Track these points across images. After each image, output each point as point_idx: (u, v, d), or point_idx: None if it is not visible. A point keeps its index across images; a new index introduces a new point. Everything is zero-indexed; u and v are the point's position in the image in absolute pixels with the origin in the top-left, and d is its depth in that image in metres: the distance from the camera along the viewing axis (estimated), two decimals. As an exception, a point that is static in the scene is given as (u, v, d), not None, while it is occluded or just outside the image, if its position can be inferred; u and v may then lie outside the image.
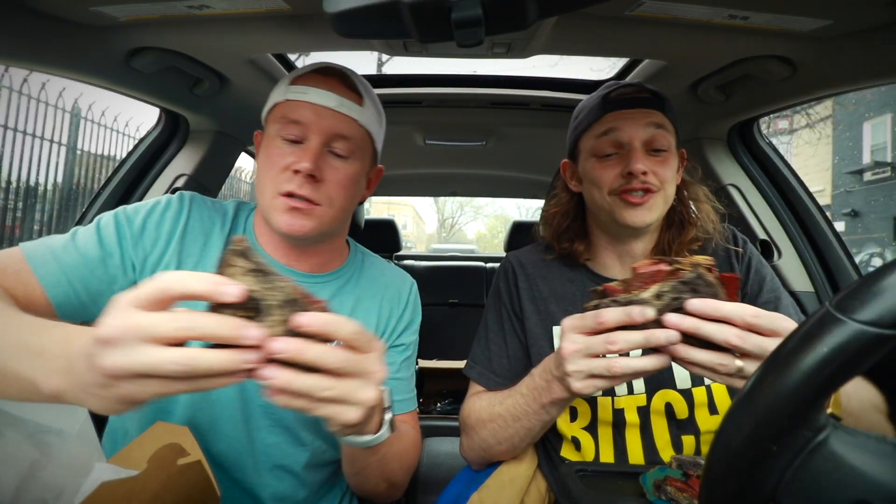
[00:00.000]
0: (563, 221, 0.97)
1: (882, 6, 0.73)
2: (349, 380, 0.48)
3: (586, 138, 0.90)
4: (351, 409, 0.49)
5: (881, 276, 0.31)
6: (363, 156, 0.81)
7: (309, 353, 0.45)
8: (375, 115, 0.82)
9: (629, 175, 0.82)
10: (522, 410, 0.76)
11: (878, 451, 0.31)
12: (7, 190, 3.77)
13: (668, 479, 0.64)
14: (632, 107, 0.85)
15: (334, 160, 0.77)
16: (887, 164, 15.23)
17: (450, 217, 31.52)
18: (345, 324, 0.48)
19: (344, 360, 0.47)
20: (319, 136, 0.75)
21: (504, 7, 0.46)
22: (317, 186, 0.75)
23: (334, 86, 0.76)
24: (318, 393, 0.46)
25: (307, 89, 0.75)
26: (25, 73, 3.50)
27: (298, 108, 0.75)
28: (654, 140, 0.84)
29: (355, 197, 0.82)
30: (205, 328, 0.41)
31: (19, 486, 0.53)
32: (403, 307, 0.91)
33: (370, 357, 0.50)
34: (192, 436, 0.62)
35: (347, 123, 0.76)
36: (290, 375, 0.45)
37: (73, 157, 4.20)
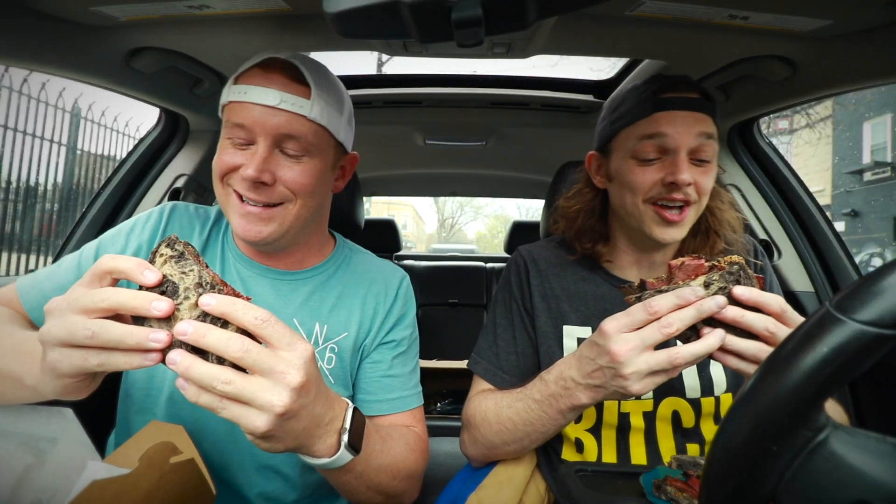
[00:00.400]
0: (585, 220, 0.91)
1: (882, 6, 0.73)
2: (255, 378, 0.45)
3: (626, 135, 0.82)
4: (256, 413, 0.45)
5: (881, 276, 0.31)
6: (321, 151, 0.74)
7: (209, 336, 0.44)
8: (333, 104, 0.74)
9: (671, 185, 0.77)
10: (536, 416, 0.74)
11: (878, 451, 0.31)
12: (7, 190, 3.77)
13: (668, 479, 0.64)
14: (684, 108, 0.78)
15: (287, 160, 0.72)
16: (887, 164, 15.23)
17: (450, 217, 31.53)
18: (249, 310, 0.46)
19: (246, 350, 0.44)
20: (266, 139, 0.69)
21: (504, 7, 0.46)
22: (270, 190, 0.71)
23: (276, 80, 0.70)
24: (217, 386, 0.44)
25: (248, 88, 0.70)
26: (25, 73, 3.51)
27: (240, 109, 0.70)
28: (701, 149, 0.78)
29: (320, 193, 0.77)
30: (120, 298, 0.45)
31: (14, 488, 0.53)
32: (392, 301, 0.86)
33: (283, 355, 0.47)
34: (186, 434, 0.61)
35: (294, 121, 0.70)
36: (190, 361, 0.44)
37: (73, 157, 4.20)
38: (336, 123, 0.75)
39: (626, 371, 0.60)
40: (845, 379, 0.31)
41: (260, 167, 0.68)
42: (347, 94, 0.81)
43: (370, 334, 0.83)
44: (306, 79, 0.71)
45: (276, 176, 0.71)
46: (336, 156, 0.80)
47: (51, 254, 4.14)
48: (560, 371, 0.71)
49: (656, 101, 0.79)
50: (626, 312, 0.62)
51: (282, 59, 0.72)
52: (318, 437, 0.54)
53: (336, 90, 0.77)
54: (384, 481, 0.68)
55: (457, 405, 2.19)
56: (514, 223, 2.65)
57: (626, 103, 0.83)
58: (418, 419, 0.84)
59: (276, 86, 0.69)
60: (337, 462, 0.56)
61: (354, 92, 1.47)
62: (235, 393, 0.44)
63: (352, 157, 0.86)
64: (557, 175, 1.20)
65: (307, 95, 0.71)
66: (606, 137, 0.87)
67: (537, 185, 2.34)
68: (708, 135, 0.78)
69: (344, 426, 0.57)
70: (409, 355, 0.87)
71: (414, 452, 0.76)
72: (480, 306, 2.54)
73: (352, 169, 0.87)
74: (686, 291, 0.59)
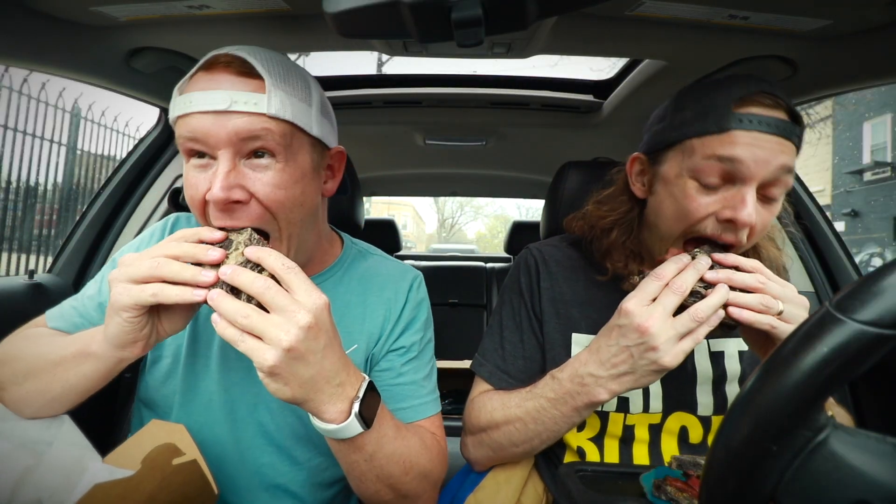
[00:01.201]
0: (621, 236, 0.81)
1: (882, 6, 0.73)
2: (270, 315, 0.52)
3: (689, 148, 0.69)
4: (266, 348, 0.51)
5: (881, 276, 0.31)
6: (294, 152, 0.64)
7: (241, 275, 0.53)
8: (296, 95, 0.63)
9: (727, 222, 0.66)
10: (549, 415, 0.72)
11: (878, 451, 0.31)
12: (7, 190, 3.77)
13: (668, 479, 0.64)
14: (769, 132, 0.64)
15: (256, 171, 0.61)
16: (887, 164, 15.23)
17: (450, 217, 31.53)
18: (279, 258, 0.55)
19: (266, 287, 0.52)
20: (226, 149, 0.60)
21: (504, 7, 0.46)
22: (246, 210, 0.62)
23: (223, 80, 0.60)
24: (238, 319, 0.51)
25: (192, 96, 0.59)
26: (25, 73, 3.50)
27: (189, 122, 0.60)
28: (774, 184, 0.66)
29: (303, 200, 0.66)
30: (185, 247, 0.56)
31: (15, 487, 0.53)
32: (402, 307, 0.80)
33: (299, 298, 0.53)
34: (188, 434, 0.61)
35: (253, 121, 0.59)
36: (221, 296, 0.53)
37: (73, 157, 4.20)
38: (305, 116, 0.64)
39: (658, 341, 0.62)
40: (845, 379, 0.31)
41: (225, 183, 0.59)
42: (315, 82, 0.70)
43: (379, 342, 0.78)
44: (258, 71, 0.61)
45: (249, 190, 0.61)
46: (316, 155, 0.69)
47: (51, 254, 4.14)
48: (574, 369, 0.70)
49: (737, 115, 0.65)
50: (639, 288, 0.66)
51: (226, 55, 0.62)
52: (327, 394, 0.56)
53: (298, 79, 0.66)
54: (395, 473, 0.65)
55: (457, 405, 2.19)
56: (514, 223, 2.65)
57: (696, 107, 0.69)
58: (436, 426, 0.78)
59: (224, 86, 0.59)
60: (345, 431, 0.57)
61: (354, 92, 1.47)
62: (251, 326, 0.51)
63: (337, 152, 0.74)
64: (557, 175, 1.20)
65: (262, 89, 0.60)
66: (662, 143, 0.73)
67: (537, 185, 2.34)
68: (788, 169, 0.66)
69: (357, 395, 0.58)
70: (421, 360, 0.80)
71: (429, 451, 0.71)
72: (480, 306, 2.54)
73: (341, 166, 0.77)
74: (681, 256, 0.67)
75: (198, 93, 0.60)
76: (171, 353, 0.76)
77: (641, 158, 0.79)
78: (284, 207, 0.63)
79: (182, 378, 0.74)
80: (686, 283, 0.64)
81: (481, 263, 2.74)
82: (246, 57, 0.61)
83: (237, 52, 0.62)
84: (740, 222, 0.65)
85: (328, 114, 0.72)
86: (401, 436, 0.67)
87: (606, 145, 1.66)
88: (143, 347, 0.59)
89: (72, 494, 0.53)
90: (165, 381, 0.75)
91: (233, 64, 0.61)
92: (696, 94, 0.71)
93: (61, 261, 1.31)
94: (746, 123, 0.64)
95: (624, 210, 0.82)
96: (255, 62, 0.61)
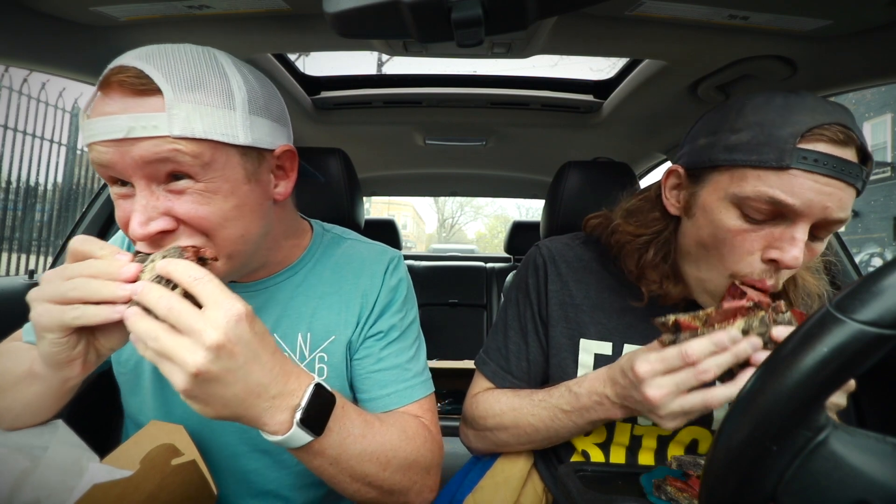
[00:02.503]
0: (656, 257, 0.73)
1: (882, 6, 0.73)
2: (178, 336, 0.47)
3: (739, 177, 0.61)
4: (175, 370, 0.47)
5: (881, 276, 0.31)
6: (219, 167, 0.56)
7: (148, 293, 0.48)
8: (210, 101, 0.54)
9: (770, 262, 0.61)
10: (563, 424, 0.73)
11: (878, 451, 0.31)
12: (7, 190, 3.77)
13: (668, 479, 0.64)
14: (833, 175, 0.56)
15: (176, 195, 0.55)
16: (887, 164, 15.23)
17: (450, 217, 31.52)
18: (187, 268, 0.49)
19: (169, 308, 0.47)
20: (137, 180, 0.54)
21: (504, 7, 0.46)
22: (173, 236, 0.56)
23: (119, 102, 0.53)
24: (148, 342, 0.48)
25: (92, 123, 0.53)
26: (25, 73, 3.50)
27: (95, 151, 0.54)
28: (826, 226, 0.60)
29: (242, 212, 0.59)
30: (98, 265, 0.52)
31: (13, 488, 0.53)
32: (378, 290, 0.75)
33: (207, 314, 0.47)
34: (186, 434, 0.61)
35: (157, 144, 0.52)
36: (136, 315, 0.49)
37: (73, 157, 4.20)
38: (224, 125, 0.55)
39: (661, 413, 0.60)
40: (845, 379, 0.31)
41: (144, 217, 0.54)
42: (245, 76, 0.59)
43: (356, 329, 0.74)
44: (155, 82, 0.52)
45: (175, 212, 0.55)
46: (250, 164, 0.60)
47: (51, 254, 4.14)
48: (592, 386, 0.70)
49: (801, 151, 0.56)
50: (662, 357, 0.59)
51: (120, 68, 0.53)
52: (261, 409, 0.51)
53: (214, 79, 0.56)
54: (371, 471, 0.61)
55: (457, 405, 2.19)
56: (514, 223, 2.65)
57: (755, 130, 0.60)
58: (426, 409, 0.74)
59: (119, 108, 0.52)
60: (291, 441, 0.53)
61: (354, 92, 1.47)
62: (160, 349, 0.47)
63: (283, 151, 0.64)
64: (557, 175, 1.20)
65: (161, 107, 0.52)
66: (707, 162, 0.64)
67: (537, 185, 2.34)
68: (840, 221, 0.59)
69: (300, 403, 0.53)
70: (404, 342, 0.76)
71: (413, 440, 0.67)
72: (480, 306, 2.54)
73: (294, 164, 0.67)
74: (722, 337, 0.56)
75: (97, 119, 0.53)
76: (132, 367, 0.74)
77: (679, 172, 0.70)
78: (217, 227, 0.57)
79: (152, 391, 0.73)
80: (717, 368, 0.57)
81: (481, 263, 2.73)
82: (142, 67, 0.53)
83: (134, 63, 0.53)
84: (784, 264, 0.59)
85: (269, 112, 0.62)
86: (372, 432, 0.62)
87: (606, 145, 1.66)
88: (82, 366, 0.55)
89: (71, 495, 0.53)
90: (134, 393, 0.74)
91: (127, 82, 0.53)
92: (757, 115, 0.61)
93: (61, 261, 1.31)
94: (811, 163, 0.56)
95: (658, 229, 0.74)
96: (153, 72, 0.52)
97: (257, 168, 0.61)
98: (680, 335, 0.60)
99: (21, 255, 3.96)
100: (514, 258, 2.69)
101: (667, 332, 0.61)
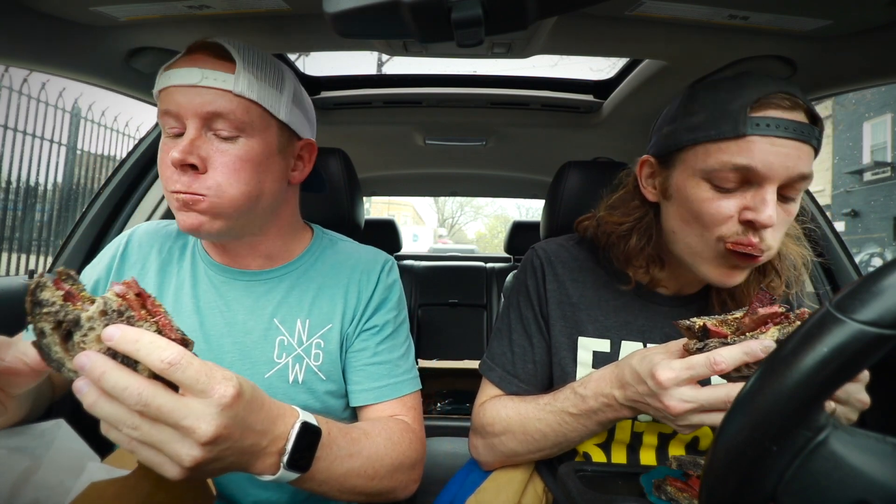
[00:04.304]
0: (639, 242, 0.77)
1: (882, 6, 0.73)
2: (163, 427, 0.41)
3: (703, 152, 0.66)
4: (168, 463, 0.42)
5: (881, 276, 0.31)
6: (258, 131, 0.69)
7: (106, 379, 0.40)
8: (266, 80, 0.70)
9: (747, 223, 0.64)
10: (571, 428, 0.72)
11: (878, 451, 0.31)
12: (7, 190, 3.77)
13: (668, 479, 0.64)
14: (787, 136, 0.61)
15: (220, 143, 0.67)
16: (887, 164, 15.23)
17: (450, 217, 31.53)
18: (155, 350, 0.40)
19: (144, 404, 0.39)
20: (193, 120, 0.66)
21: (504, 7, 0.46)
22: (199, 177, 0.66)
23: (200, 60, 0.67)
24: (123, 430, 0.41)
25: (171, 72, 0.67)
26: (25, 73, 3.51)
27: (166, 96, 0.68)
28: (791, 187, 0.64)
29: (261, 180, 0.70)
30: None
31: (13, 488, 0.53)
32: (374, 287, 0.82)
33: (194, 406, 0.41)
34: None
35: (220, 97, 0.66)
36: (94, 396, 0.41)
37: (73, 157, 4.20)
38: (272, 100, 0.70)
39: (679, 423, 0.59)
40: (845, 379, 0.31)
41: (186, 148, 0.65)
42: (292, 75, 0.76)
43: (352, 322, 0.79)
44: (231, 55, 0.68)
45: (207, 162, 0.66)
46: (282, 139, 0.74)
47: (51, 254, 4.14)
48: (598, 387, 0.69)
49: (754, 119, 0.62)
50: (688, 365, 0.57)
51: (206, 41, 0.70)
52: (253, 461, 0.50)
53: (271, 67, 0.72)
54: (359, 484, 0.64)
55: (457, 405, 2.19)
56: (514, 223, 2.65)
57: (709, 109, 0.66)
58: (410, 406, 0.79)
59: (199, 65, 0.66)
60: (281, 479, 0.52)
61: (354, 92, 1.47)
62: (142, 439, 0.41)
63: (307, 143, 0.79)
64: (557, 175, 1.20)
65: (231, 70, 0.67)
66: (673, 146, 0.70)
67: (537, 185, 2.34)
68: (807, 172, 0.63)
69: (286, 447, 0.52)
70: (396, 339, 0.82)
71: (398, 445, 0.71)
72: (480, 306, 2.54)
73: (312, 157, 0.81)
74: (755, 346, 0.54)
75: (176, 70, 0.67)
76: None
77: (651, 161, 0.76)
78: (236, 178, 0.67)
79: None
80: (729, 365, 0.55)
81: (481, 263, 2.73)
82: (223, 43, 0.68)
83: (216, 40, 0.69)
84: (760, 224, 0.62)
85: (304, 108, 0.78)
86: (358, 448, 0.64)
87: (606, 145, 1.66)
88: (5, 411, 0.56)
89: (69, 494, 0.53)
90: None
91: (210, 48, 0.68)
92: (709, 95, 0.67)
93: (61, 261, 1.31)
94: (764, 128, 0.61)
95: (638, 215, 0.78)
96: (230, 48, 0.68)
97: (285, 146, 0.75)
98: (709, 343, 0.57)
99: (21, 255, 3.96)
100: (514, 258, 2.69)
101: (692, 338, 0.59)
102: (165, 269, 0.82)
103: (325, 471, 0.59)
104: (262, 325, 0.77)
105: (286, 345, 0.76)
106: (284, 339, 0.76)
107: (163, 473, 0.43)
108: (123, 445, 0.42)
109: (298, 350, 0.76)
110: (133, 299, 0.43)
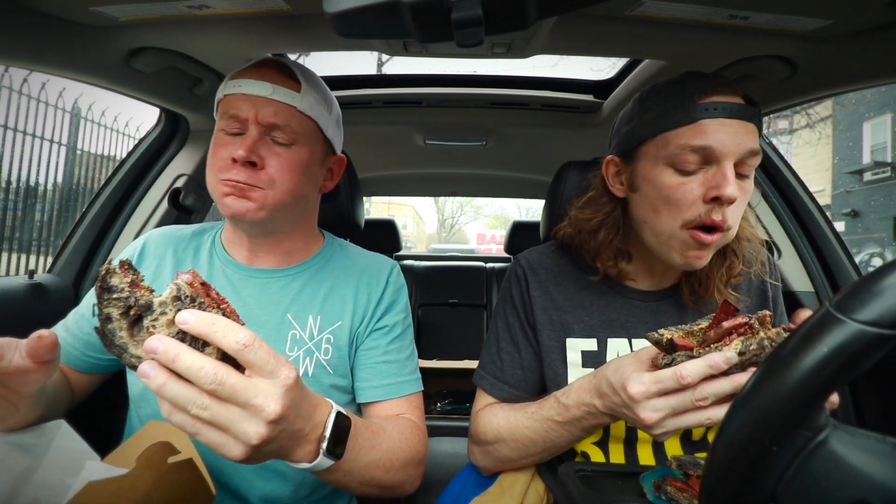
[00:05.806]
0: (608, 235, 0.82)
1: (882, 6, 0.73)
2: (231, 406, 0.43)
3: (663, 142, 0.73)
4: (232, 442, 0.44)
5: (881, 276, 0.31)
6: (309, 143, 0.79)
7: (180, 360, 0.42)
8: (321, 101, 0.80)
9: (713, 200, 0.69)
10: (557, 434, 0.74)
11: (878, 451, 0.31)
12: (7, 190, 3.77)
13: (668, 479, 0.64)
14: (732, 116, 0.69)
15: (276, 147, 0.76)
16: (887, 164, 15.22)
17: (450, 217, 31.52)
18: (230, 332, 0.43)
19: (219, 383, 0.42)
20: (257, 126, 0.75)
21: (504, 7, 0.46)
22: (255, 172, 0.75)
23: (269, 75, 0.76)
24: (192, 410, 0.43)
25: (242, 81, 0.75)
26: (25, 73, 3.51)
27: (235, 101, 0.75)
28: (744, 163, 0.70)
29: (305, 183, 0.80)
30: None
31: (13, 487, 0.53)
32: (383, 289, 0.87)
33: (262, 386, 0.44)
34: (186, 434, 0.61)
35: (285, 110, 0.75)
36: (163, 378, 0.42)
37: (73, 157, 4.20)
38: (324, 119, 0.81)
39: (655, 431, 0.62)
40: (845, 379, 0.31)
41: (250, 147, 0.73)
42: (335, 100, 0.87)
43: (363, 322, 0.84)
44: (296, 76, 0.78)
45: (265, 161, 0.75)
46: (324, 152, 0.84)
47: (51, 254, 4.14)
48: (579, 396, 0.71)
49: (702, 105, 0.70)
50: (656, 378, 0.60)
51: (274, 59, 0.79)
52: (296, 447, 0.53)
53: (324, 91, 0.83)
54: (377, 475, 0.68)
55: (457, 405, 2.19)
56: (514, 223, 2.65)
57: (663, 103, 0.74)
58: (415, 406, 0.84)
59: (269, 79, 0.75)
60: (317, 467, 0.55)
61: (354, 92, 1.47)
62: (211, 419, 0.43)
63: (339, 159, 0.90)
64: (557, 175, 1.20)
65: (297, 89, 0.77)
66: (635, 141, 0.77)
67: (537, 185, 2.34)
68: (754, 151, 0.70)
69: (324, 434, 0.54)
70: (404, 341, 0.88)
71: (409, 441, 0.75)
72: (480, 306, 2.54)
73: (340, 171, 0.91)
74: (717, 358, 0.56)
75: (248, 80, 0.75)
76: None
77: (615, 160, 0.82)
78: (284, 178, 0.76)
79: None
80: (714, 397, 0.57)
81: (481, 263, 2.73)
82: (289, 64, 0.79)
83: (282, 60, 0.80)
84: (725, 198, 0.68)
85: (340, 125, 0.88)
86: (378, 441, 0.68)
87: (606, 145, 1.66)
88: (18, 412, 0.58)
89: (69, 492, 0.53)
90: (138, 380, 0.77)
91: (278, 67, 0.78)
92: (660, 94, 0.76)
93: (61, 261, 1.31)
94: (713, 111, 0.69)
95: (607, 210, 0.84)
96: (295, 69, 0.78)
97: (324, 159, 0.85)
98: (676, 356, 0.59)
99: (21, 255, 3.96)
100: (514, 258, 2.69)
101: (661, 351, 0.62)
102: (180, 266, 0.85)
103: (352, 461, 0.61)
104: (276, 319, 0.81)
105: (298, 339, 0.80)
106: (297, 334, 0.80)
107: (225, 454, 0.45)
108: (187, 428, 0.44)
109: (309, 344, 0.80)
110: (200, 287, 0.45)
